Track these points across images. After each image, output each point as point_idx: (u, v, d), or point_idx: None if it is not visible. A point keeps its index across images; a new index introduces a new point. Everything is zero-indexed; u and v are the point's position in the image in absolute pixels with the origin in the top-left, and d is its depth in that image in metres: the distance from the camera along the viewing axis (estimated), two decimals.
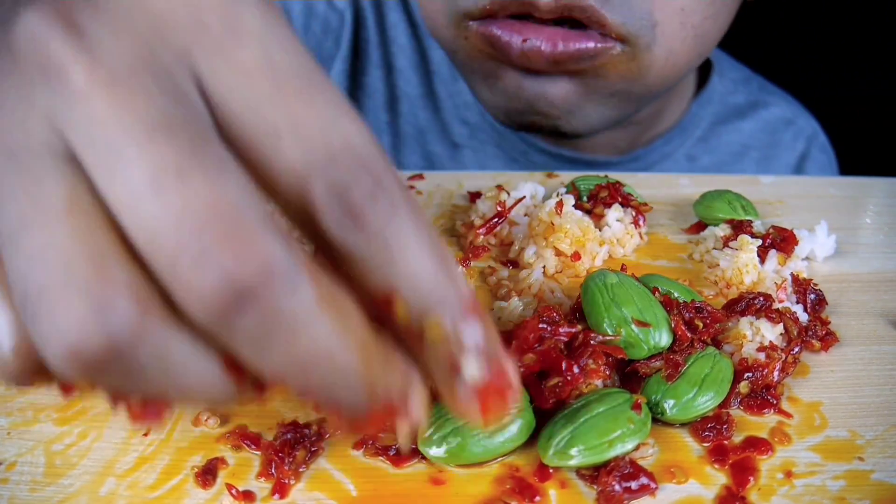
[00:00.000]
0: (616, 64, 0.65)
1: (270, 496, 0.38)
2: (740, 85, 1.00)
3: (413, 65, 0.96)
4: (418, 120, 0.95)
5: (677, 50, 0.66)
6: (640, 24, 0.63)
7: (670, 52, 0.66)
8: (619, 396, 0.40)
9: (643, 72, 0.67)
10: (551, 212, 0.54)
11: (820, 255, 0.55)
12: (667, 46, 0.65)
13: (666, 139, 0.93)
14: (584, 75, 0.67)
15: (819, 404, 0.43)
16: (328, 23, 0.95)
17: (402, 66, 0.96)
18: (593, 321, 0.43)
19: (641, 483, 0.37)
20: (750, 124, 0.98)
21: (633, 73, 0.67)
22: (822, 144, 1.02)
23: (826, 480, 0.38)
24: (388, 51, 0.96)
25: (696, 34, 0.66)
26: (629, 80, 0.67)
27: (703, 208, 0.59)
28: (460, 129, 0.94)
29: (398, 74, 0.96)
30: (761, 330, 0.44)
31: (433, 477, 0.39)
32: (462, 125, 0.94)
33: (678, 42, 0.66)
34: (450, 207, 0.64)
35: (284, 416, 0.43)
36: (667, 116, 0.93)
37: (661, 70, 0.67)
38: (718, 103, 0.96)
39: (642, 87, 0.69)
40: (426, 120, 0.95)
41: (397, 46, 0.96)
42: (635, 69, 0.66)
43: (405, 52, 0.96)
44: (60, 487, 0.39)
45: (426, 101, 0.95)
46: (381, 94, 0.97)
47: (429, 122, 0.95)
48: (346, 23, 0.95)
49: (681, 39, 0.66)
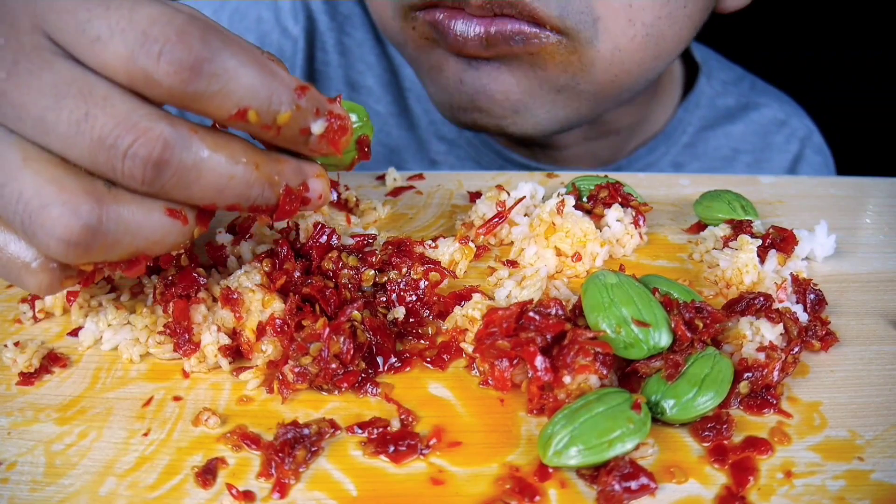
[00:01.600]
0: (554, 54, 0.64)
1: (270, 496, 0.38)
2: (730, 86, 0.98)
3: (383, 83, 0.95)
4: (391, 139, 0.94)
5: (625, 47, 0.65)
6: (579, 17, 0.62)
7: (616, 48, 0.65)
8: (619, 396, 0.40)
9: (586, 67, 0.66)
10: (552, 212, 0.54)
11: (820, 255, 0.55)
12: (612, 43, 0.64)
13: (649, 148, 0.91)
14: (522, 64, 0.66)
15: (819, 404, 0.43)
16: (282, 50, 0.95)
17: (370, 84, 0.95)
18: (593, 321, 0.43)
19: (641, 483, 0.37)
20: (740, 127, 0.96)
21: (574, 66, 0.66)
22: (816, 145, 1.00)
23: (826, 480, 0.38)
24: (353, 69, 0.95)
25: (649, 34, 0.65)
26: (572, 75, 0.66)
27: (703, 208, 0.59)
28: (437, 146, 0.93)
29: (367, 93, 0.95)
30: (761, 330, 0.44)
31: (433, 477, 0.39)
32: (439, 141, 0.94)
33: (626, 39, 0.65)
34: (450, 207, 0.64)
35: (284, 417, 0.43)
36: (650, 124, 0.92)
37: (609, 68, 0.66)
38: (706, 107, 0.95)
39: (590, 85, 0.68)
40: (400, 138, 0.94)
41: (365, 65, 0.95)
42: (577, 63, 0.65)
43: (374, 71, 0.95)
44: (60, 487, 0.39)
45: (399, 119, 0.94)
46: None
47: (404, 140, 0.95)
48: (299, 48, 0.95)
49: (629, 37, 0.64)
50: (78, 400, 0.45)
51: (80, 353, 0.48)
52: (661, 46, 0.67)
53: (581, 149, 0.87)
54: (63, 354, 0.48)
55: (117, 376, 0.46)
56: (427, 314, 0.49)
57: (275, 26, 0.95)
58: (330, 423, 0.42)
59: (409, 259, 0.51)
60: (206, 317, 0.46)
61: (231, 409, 0.44)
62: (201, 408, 0.43)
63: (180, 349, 0.46)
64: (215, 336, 0.46)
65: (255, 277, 0.47)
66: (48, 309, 0.51)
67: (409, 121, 0.94)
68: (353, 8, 0.96)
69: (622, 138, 0.90)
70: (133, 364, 0.47)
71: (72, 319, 0.51)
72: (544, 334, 0.42)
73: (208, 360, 0.46)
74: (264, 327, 0.45)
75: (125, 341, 0.47)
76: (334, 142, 0.43)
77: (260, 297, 0.46)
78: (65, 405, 0.44)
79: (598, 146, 0.88)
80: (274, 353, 0.45)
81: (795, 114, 1.00)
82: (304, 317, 0.45)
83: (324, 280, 0.48)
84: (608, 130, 0.87)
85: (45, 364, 0.47)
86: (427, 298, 0.50)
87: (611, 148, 0.90)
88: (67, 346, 0.49)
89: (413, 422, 0.42)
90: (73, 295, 0.51)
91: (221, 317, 0.46)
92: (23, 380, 0.46)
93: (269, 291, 0.46)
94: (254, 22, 0.95)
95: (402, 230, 0.61)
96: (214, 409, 0.43)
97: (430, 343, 0.48)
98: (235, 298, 0.46)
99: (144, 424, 0.43)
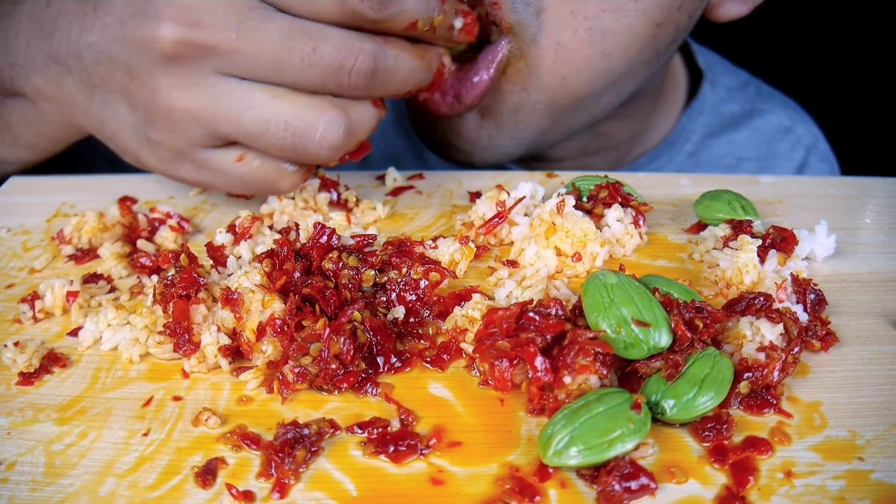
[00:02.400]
0: (506, 68, 0.65)
1: (270, 496, 0.38)
2: (735, 92, 0.97)
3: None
4: (391, 147, 0.94)
5: (567, 43, 0.63)
6: (526, 9, 0.62)
7: (559, 44, 0.63)
8: (619, 396, 0.40)
9: (532, 70, 0.65)
10: (552, 212, 0.54)
11: (820, 255, 0.55)
12: (555, 38, 0.63)
13: (652, 157, 0.90)
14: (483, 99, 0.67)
15: (819, 404, 0.43)
16: None
17: None
18: (593, 321, 0.43)
19: (641, 483, 0.37)
20: (744, 135, 0.95)
21: (523, 73, 0.65)
22: (822, 153, 0.98)
23: (826, 480, 0.38)
24: None
25: (591, 27, 0.63)
26: (522, 85, 0.66)
27: (703, 208, 0.59)
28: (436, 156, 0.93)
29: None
30: (761, 330, 0.44)
31: (433, 477, 0.39)
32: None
33: (568, 34, 0.63)
34: (450, 207, 0.64)
35: (284, 417, 0.43)
36: (651, 136, 0.91)
37: (553, 68, 0.64)
38: (710, 114, 0.93)
39: (541, 93, 0.66)
40: (399, 146, 0.94)
41: None
42: (524, 68, 0.65)
43: None
44: (60, 487, 0.39)
45: (398, 127, 0.94)
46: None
47: (403, 149, 0.95)
48: None
49: (571, 31, 0.63)
50: (78, 400, 0.45)
51: (80, 353, 0.48)
52: (609, 43, 0.64)
53: (578, 163, 0.86)
54: (63, 354, 0.48)
55: (117, 376, 0.46)
56: (427, 314, 0.49)
57: None
58: (330, 423, 0.42)
59: (409, 259, 0.51)
60: (206, 317, 0.46)
61: (231, 409, 0.44)
62: (201, 408, 0.43)
63: (180, 349, 0.46)
64: (215, 336, 0.46)
65: (255, 278, 0.47)
66: (48, 309, 0.51)
67: (406, 130, 0.94)
68: None
69: (621, 152, 0.89)
70: (133, 364, 0.47)
71: (72, 319, 0.51)
72: (544, 335, 0.42)
73: (208, 361, 0.46)
74: (264, 328, 0.45)
75: (125, 341, 0.47)
76: (470, 31, 0.60)
77: (260, 298, 0.46)
78: (65, 405, 0.44)
79: (596, 161, 0.87)
80: (274, 353, 0.45)
81: (801, 120, 0.99)
82: (304, 317, 0.45)
83: (324, 280, 0.48)
84: (605, 146, 0.86)
85: (44, 364, 0.47)
86: (427, 298, 0.50)
87: (609, 162, 0.89)
88: (67, 346, 0.49)
89: (413, 422, 0.42)
90: (72, 295, 0.51)
91: (221, 317, 0.46)
92: (23, 380, 0.46)
93: (270, 292, 0.46)
94: None
95: (401, 230, 0.61)
96: (214, 409, 0.43)
97: (430, 343, 0.48)
98: (235, 299, 0.46)
99: (144, 424, 0.43)
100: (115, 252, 0.57)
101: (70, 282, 0.52)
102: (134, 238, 0.59)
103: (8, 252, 0.60)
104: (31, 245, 0.60)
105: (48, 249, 0.60)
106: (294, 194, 0.62)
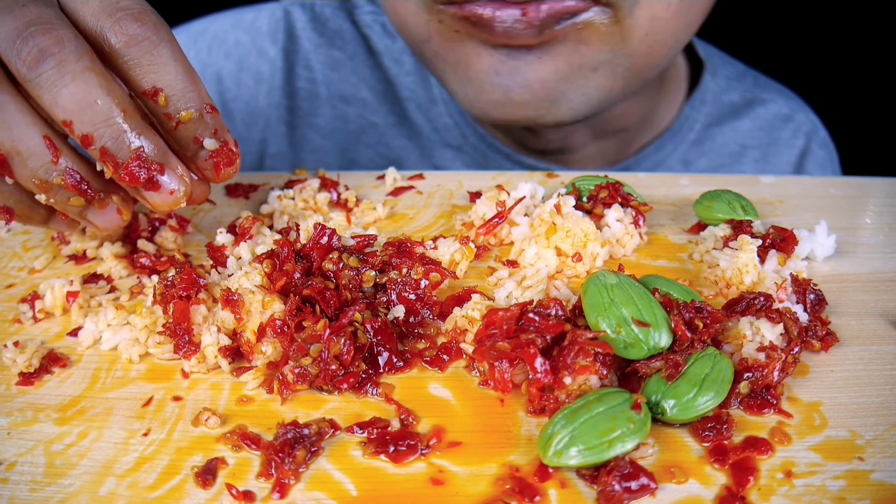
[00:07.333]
0: (599, 27, 0.64)
1: (270, 496, 0.38)
2: (734, 82, 0.98)
3: (378, 94, 0.95)
4: (391, 149, 0.94)
5: (661, 15, 0.65)
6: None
7: (654, 17, 0.65)
8: (619, 396, 0.40)
9: (626, 38, 0.65)
10: (552, 212, 0.54)
11: (820, 255, 0.55)
12: (650, 11, 0.64)
13: (657, 145, 0.91)
14: (565, 48, 0.65)
15: (819, 404, 0.43)
16: (259, 72, 0.96)
17: (364, 96, 0.95)
18: (593, 321, 0.43)
19: (641, 483, 0.37)
20: (747, 123, 0.96)
21: (615, 38, 0.65)
22: (822, 139, 1.00)
23: (826, 480, 0.38)
24: (346, 83, 0.95)
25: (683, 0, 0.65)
26: (611, 49, 0.66)
27: (703, 208, 0.59)
28: (442, 153, 0.93)
29: (361, 105, 0.95)
30: (761, 330, 0.44)
31: (433, 477, 0.39)
32: (444, 149, 0.93)
33: (663, 7, 0.64)
34: (450, 207, 0.64)
35: (284, 417, 0.43)
36: (657, 121, 0.92)
37: (645, 38, 0.66)
38: (712, 103, 0.95)
39: (626, 59, 0.67)
40: (401, 148, 0.94)
41: (358, 77, 0.95)
42: (618, 34, 0.65)
43: (368, 83, 0.95)
44: (60, 487, 0.39)
45: (399, 129, 0.94)
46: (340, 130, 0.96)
47: (405, 150, 0.94)
48: (277, 68, 0.95)
49: (665, 4, 0.64)
50: (78, 400, 0.45)
51: (80, 353, 0.48)
52: (692, 15, 0.68)
53: (591, 149, 0.87)
54: (63, 354, 0.48)
55: (117, 376, 0.46)
56: (428, 314, 0.49)
57: (251, 49, 0.97)
58: (330, 423, 0.42)
59: (409, 259, 0.51)
60: (207, 318, 0.46)
61: (231, 410, 0.44)
62: (201, 408, 0.43)
63: (180, 350, 0.46)
64: (215, 337, 0.46)
65: (256, 278, 0.47)
66: (48, 309, 0.51)
67: (409, 130, 0.94)
68: (342, 23, 0.97)
69: (630, 135, 0.90)
70: (133, 364, 0.47)
71: (72, 319, 0.51)
72: (544, 335, 0.42)
73: (208, 361, 0.46)
74: (264, 328, 0.45)
75: (125, 341, 0.47)
76: (218, 166, 0.48)
77: (260, 299, 0.46)
78: (65, 405, 0.44)
79: (607, 145, 0.88)
80: (274, 354, 0.45)
81: (800, 108, 1.00)
82: (305, 318, 0.45)
83: (324, 281, 0.48)
84: (616, 128, 0.87)
85: (44, 364, 0.47)
86: (427, 298, 0.50)
87: (619, 146, 0.89)
88: (67, 346, 0.49)
89: (413, 422, 0.42)
90: (72, 295, 0.51)
91: (222, 318, 0.46)
92: (23, 380, 0.46)
93: (270, 292, 0.46)
94: (232, 46, 0.97)
95: (402, 230, 0.61)
96: (214, 409, 0.43)
97: (431, 343, 0.48)
98: (236, 300, 0.46)
99: (144, 424, 0.43)
100: (115, 252, 0.57)
101: (70, 282, 0.52)
102: (134, 238, 0.59)
103: (8, 252, 0.60)
104: (31, 245, 0.60)
105: (48, 249, 0.60)
106: (294, 194, 0.62)
